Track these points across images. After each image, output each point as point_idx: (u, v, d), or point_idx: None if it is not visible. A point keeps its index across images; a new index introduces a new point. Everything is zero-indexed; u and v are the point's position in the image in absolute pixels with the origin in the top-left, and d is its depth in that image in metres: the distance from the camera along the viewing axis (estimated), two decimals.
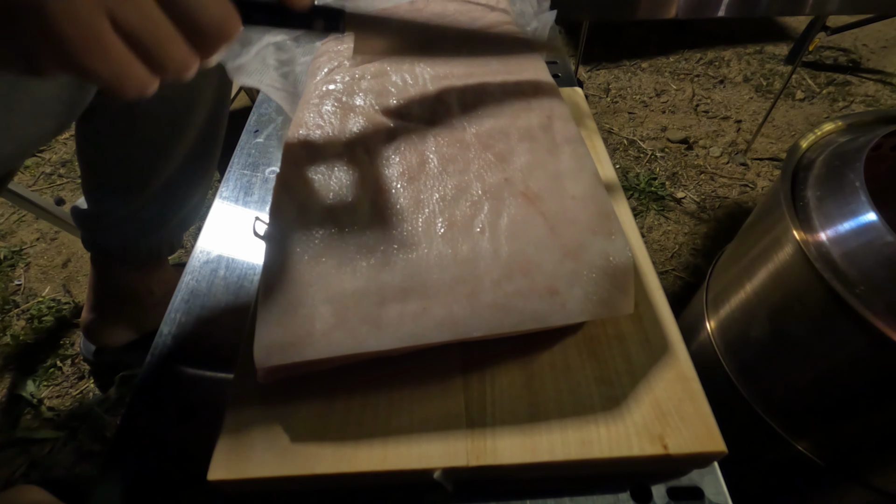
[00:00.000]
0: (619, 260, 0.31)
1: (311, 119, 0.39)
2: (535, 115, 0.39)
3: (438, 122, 0.39)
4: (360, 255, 0.31)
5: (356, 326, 0.29)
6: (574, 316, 0.30)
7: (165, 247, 0.76)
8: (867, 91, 1.49)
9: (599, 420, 0.31)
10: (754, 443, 0.61)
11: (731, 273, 0.64)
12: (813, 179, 0.54)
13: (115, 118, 0.59)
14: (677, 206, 1.19)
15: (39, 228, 1.14)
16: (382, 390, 0.33)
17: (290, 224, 0.32)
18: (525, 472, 0.31)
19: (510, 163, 0.36)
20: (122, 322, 0.81)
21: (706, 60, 1.61)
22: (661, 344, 0.35)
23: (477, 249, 0.31)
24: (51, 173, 1.27)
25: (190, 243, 1.03)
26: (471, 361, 0.34)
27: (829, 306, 0.47)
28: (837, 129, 0.60)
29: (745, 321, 0.60)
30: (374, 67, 0.43)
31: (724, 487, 0.32)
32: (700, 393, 0.32)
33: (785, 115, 1.42)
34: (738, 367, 0.61)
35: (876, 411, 0.50)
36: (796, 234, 0.50)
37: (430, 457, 0.30)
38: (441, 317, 0.29)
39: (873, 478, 0.54)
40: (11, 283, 1.04)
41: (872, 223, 0.46)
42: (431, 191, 0.34)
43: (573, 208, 0.33)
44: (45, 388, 0.87)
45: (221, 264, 0.46)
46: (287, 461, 0.30)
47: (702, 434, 0.30)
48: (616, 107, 1.46)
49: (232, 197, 0.52)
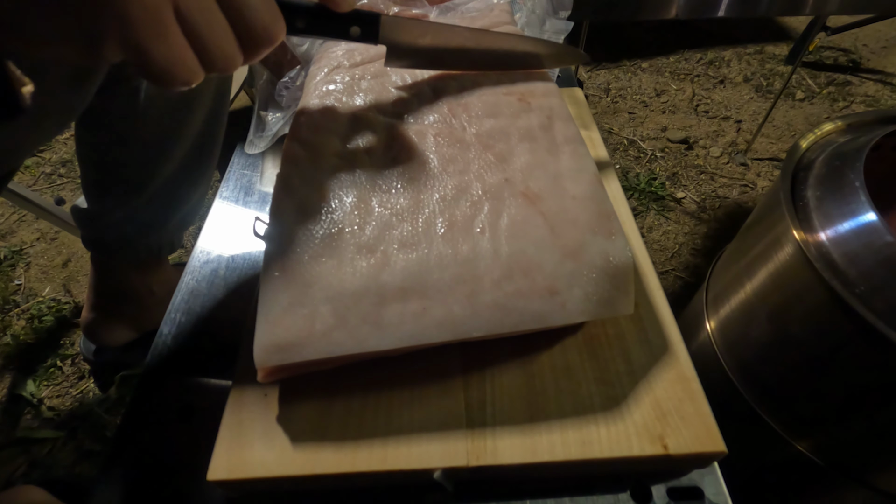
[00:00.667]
0: (619, 260, 0.31)
1: (310, 120, 0.39)
2: (535, 116, 0.39)
3: (438, 123, 0.39)
4: (360, 255, 0.31)
5: (356, 326, 0.29)
6: (574, 316, 0.30)
7: (165, 246, 0.76)
8: (867, 91, 1.49)
9: (599, 420, 0.31)
10: (754, 443, 0.61)
11: (731, 273, 0.64)
12: (813, 179, 0.54)
13: (115, 119, 0.59)
14: (677, 206, 1.19)
15: (39, 228, 1.14)
16: (382, 390, 0.33)
17: (290, 224, 0.32)
18: (525, 472, 0.31)
19: (510, 163, 0.36)
20: (122, 321, 0.81)
21: (706, 60, 1.61)
22: (661, 344, 0.35)
23: (477, 249, 0.31)
24: (51, 173, 1.27)
25: (190, 243, 1.03)
26: (471, 361, 0.34)
27: (829, 306, 0.47)
28: (837, 130, 0.60)
29: (745, 321, 0.60)
30: (374, 67, 0.43)
31: (724, 487, 0.32)
32: (700, 393, 0.32)
33: (785, 116, 1.42)
34: (738, 366, 0.61)
35: (876, 411, 0.50)
36: (796, 234, 0.50)
37: (430, 457, 0.30)
38: (441, 317, 0.29)
39: (873, 478, 0.54)
40: (12, 282, 1.04)
41: (872, 223, 0.46)
42: (431, 191, 0.34)
43: (573, 208, 0.33)
44: (45, 388, 0.87)
45: (221, 264, 0.46)
46: (287, 461, 0.30)
47: (702, 434, 0.30)
48: (616, 107, 1.46)
49: (232, 197, 0.52)
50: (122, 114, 0.58)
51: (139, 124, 0.60)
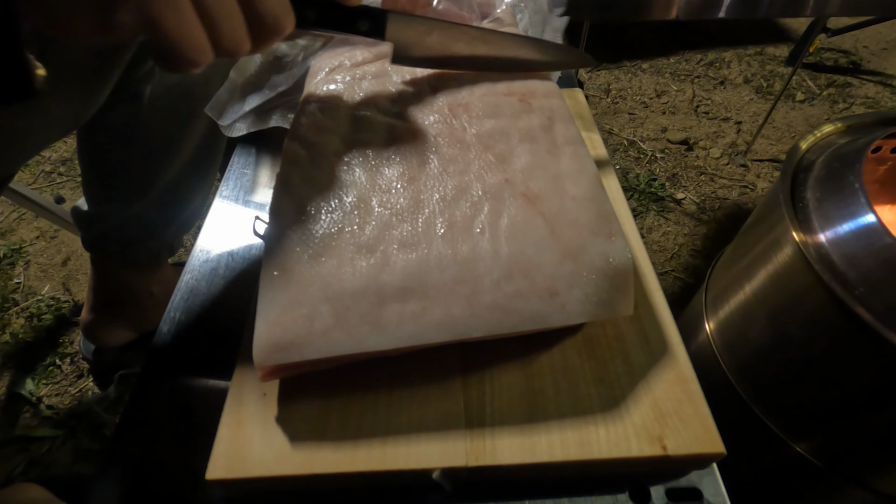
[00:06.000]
0: (618, 261, 0.31)
1: (310, 119, 0.39)
2: (535, 116, 0.39)
3: (439, 123, 0.39)
4: (360, 255, 0.31)
5: (356, 326, 0.29)
6: (573, 317, 0.30)
7: (165, 249, 0.76)
8: (867, 93, 1.50)
9: (598, 421, 0.31)
10: (753, 444, 0.61)
11: (731, 274, 0.64)
12: (812, 181, 0.54)
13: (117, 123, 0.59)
14: (677, 207, 1.19)
15: (39, 227, 1.13)
16: (382, 390, 0.33)
17: (290, 224, 0.32)
18: (524, 473, 0.31)
19: (510, 163, 0.36)
20: (121, 322, 0.81)
21: (707, 62, 1.61)
22: (660, 345, 0.35)
23: (477, 250, 0.31)
24: (51, 172, 1.26)
25: (190, 242, 1.03)
26: (470, 362, 0.34)
27: (829, 308, 0.47)
28: (837, 131, 0.60)
29: (745, 322, 0.60)
30: (375, 67, 0.43)
31: (723, 489, 0.32)
32: (699, 394, 0.32)
33: (785, 117, 1.42)
34: (738, 368, 0.61)
35: (875, 413, 0.50)
36: (796, 236, 0.50)
37: (430, 457, 0.30)
38: (441, 317, 0.29)
39: (872, 479, 0.54)
40: (11, 281, 1.03)
41: (872, 225, 0.46)
42: (431, 191, 0.34)
43: (573, 209, 0.33)
44: (44, 387, 0.87)
45: (221, 263, 0.46)
46: (285, 461, 0.30)
47: (701, 435, 0.31)
48: (616, 107, 1.46)
49: (232, 196, 0.52)
50: (124, 118, 0.59)
51: (141, 129, 0.60)
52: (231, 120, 0.48)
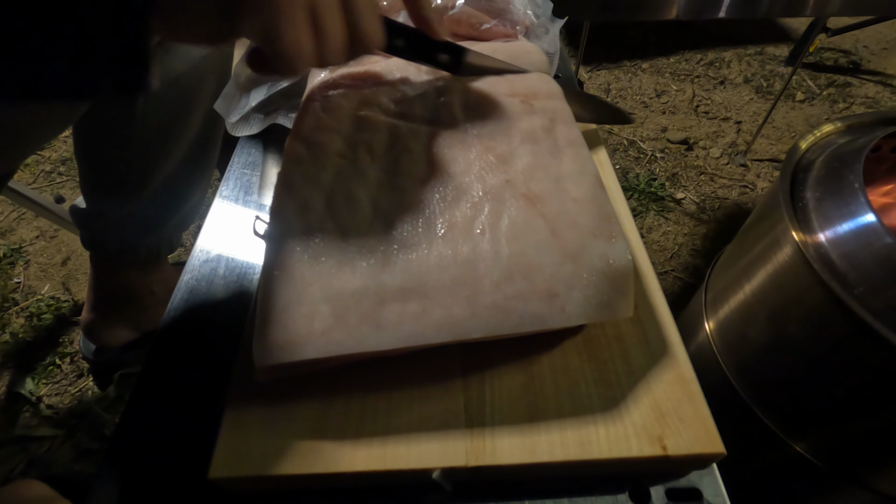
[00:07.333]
0: (619, 263, 0.31)
1: (312, 118, 0.39)
2: (537, 118, 0.39)
3: (440, 123, 0.39)
4: (360, 255, 0.31)
5: (356, 326, 0.29)
6: (573, 319, 0.30)
7: (164, 246, 0.76)
8: (867, 93, 1.50)
9: (598, 421, 0.31)
10: (753, 444, 0.61)
11: (731, 274, 0.64)
12: (812, 180, 0.54)
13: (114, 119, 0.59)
14: (677, 207, 1.19)
15: (39, 226, 1.13)
16: (382, 390, 0.33)
17: (290, 223, 0.32)
18: (524, 473, 0.31)
19: (511, 164, 0.36)
20: (122, 322, 0.81)
21: (706, 61, 1.61)
22: (660, 345, 0.35)
23: (477, 251, 0.31)
24: (50, 171, 1.26)
25: (190, 242, 1.03)
26: (470, 362, 0.34)
27: (828, 307, 0.47)
28: (837, 131, 0.60)
29: (744, 322, 0.60)
30: (378, 68, 0.43)
31: (723, 489, 0.32)
32: (699, 394, 0.32)
33: (785, 117, 1.42)
34: (737, 368, 0.61)
35: (875, 413, 0.50)
36: (795, 236, 0.50)
37: (430, 457, 0.30)
38: (441, 317, 0.29)
39: (872, 479, 0.54)
40: (11, 280, 1.03)
41: (871, 224, 0.46)
42: (432, 191, 0.34)
43: (574, 211, 0.33)
44: (43, 386, 0.87)
45: (221, 263, 0.46)
46: (287, 460, 0.30)
47: (701, 435, 0.31)
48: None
49: (232, 196, 0.52)
50: (121, 115, 0.58)
51: (138, 125, 0.60)
52: (237, 117, 0.48)
